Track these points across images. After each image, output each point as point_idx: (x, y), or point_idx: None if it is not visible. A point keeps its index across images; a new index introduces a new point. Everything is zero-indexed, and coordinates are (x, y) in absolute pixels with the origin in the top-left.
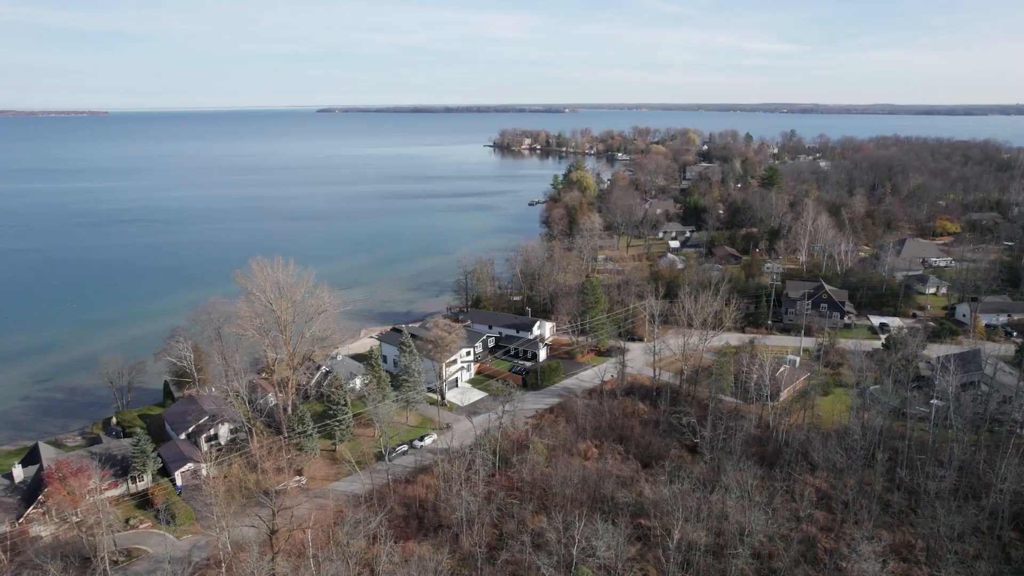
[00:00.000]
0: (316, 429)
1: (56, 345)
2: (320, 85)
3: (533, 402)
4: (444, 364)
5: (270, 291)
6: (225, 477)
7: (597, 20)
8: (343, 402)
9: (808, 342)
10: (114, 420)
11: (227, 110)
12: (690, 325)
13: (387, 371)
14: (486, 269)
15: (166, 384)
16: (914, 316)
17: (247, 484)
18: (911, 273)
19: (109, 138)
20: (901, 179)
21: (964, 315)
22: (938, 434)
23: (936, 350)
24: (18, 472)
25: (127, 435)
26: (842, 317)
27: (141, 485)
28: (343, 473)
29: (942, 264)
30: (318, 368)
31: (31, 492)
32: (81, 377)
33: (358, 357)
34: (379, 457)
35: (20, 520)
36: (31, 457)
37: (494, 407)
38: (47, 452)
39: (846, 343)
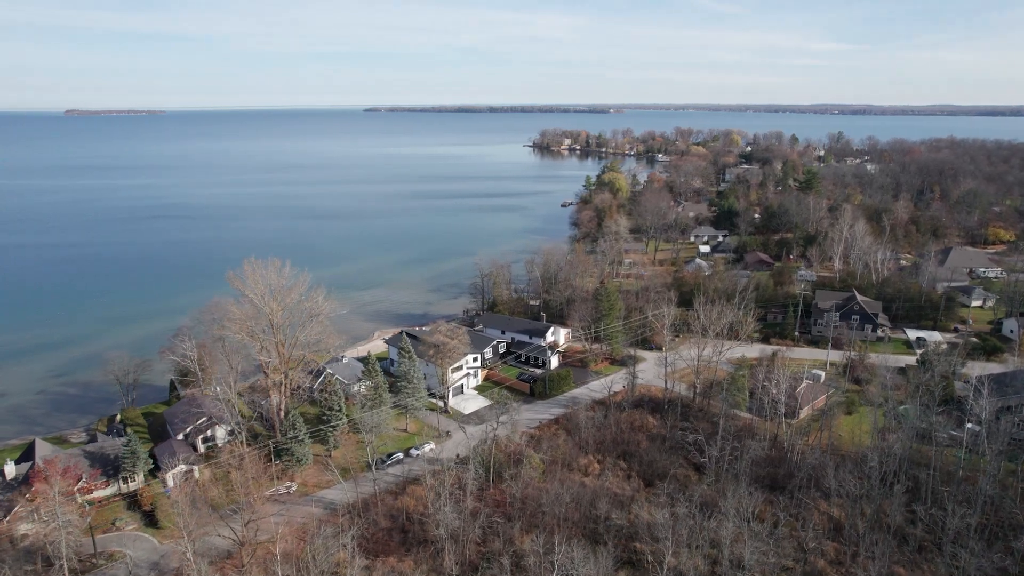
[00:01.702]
0: (309, 434)
1: (74, 339)
2: (367, 85)
3: (538, 412)
4: (448, 370)
5: (262, 293)
6: (197, 485)
7: (647, 20)
8: (337, 407)
9: (836, 356)
10: (118, 418)
11: (277, 109)
12: (704, 335)
13: (393, 374)
14: (502, 273)
15: (172, 382)
16: (956, 331)
17: (214, 493)
18: (955, 284)
19: (163, 136)
20: (951, 183)
21: (1011, 331)
22: (969, 463)
23: (977, 368)
24: (10, 469)
25: (127, 433)
26: (875, 330)
27: (133, 485)
28: (335, 481)
29: (991, 275)
30: (319, 373)
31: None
32: (93, 373)
33: (367, 360)
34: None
35: (7, 518)
36: (27, 454)
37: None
38: (42, 449)
39: (876, 358)
